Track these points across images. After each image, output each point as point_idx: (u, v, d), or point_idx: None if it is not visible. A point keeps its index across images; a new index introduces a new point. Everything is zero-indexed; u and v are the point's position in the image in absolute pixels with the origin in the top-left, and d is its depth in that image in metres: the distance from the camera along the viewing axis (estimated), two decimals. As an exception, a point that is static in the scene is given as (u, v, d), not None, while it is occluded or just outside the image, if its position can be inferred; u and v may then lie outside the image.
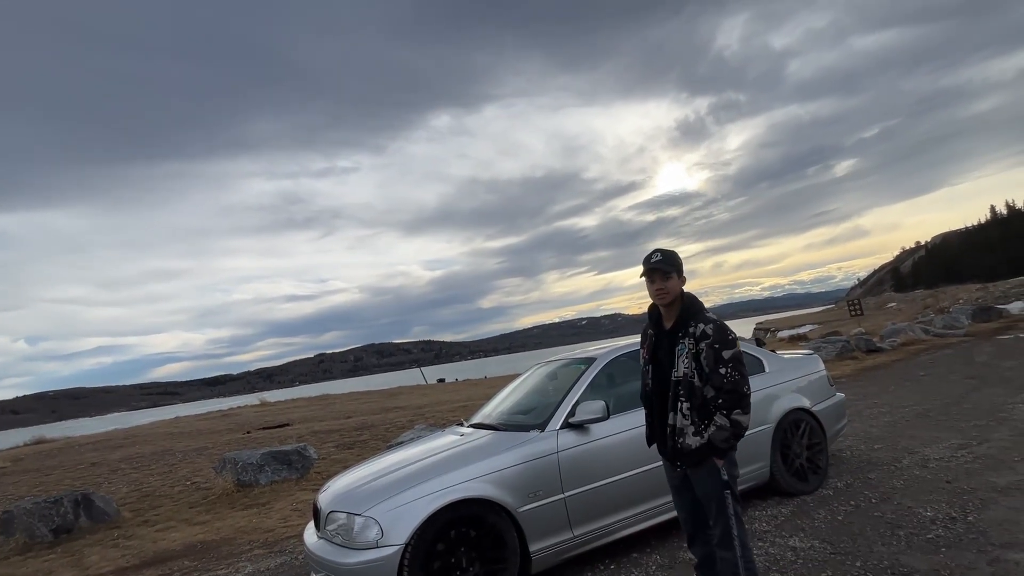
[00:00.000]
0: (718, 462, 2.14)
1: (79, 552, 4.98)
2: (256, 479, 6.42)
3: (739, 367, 2.13)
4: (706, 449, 2.15)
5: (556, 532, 2.98)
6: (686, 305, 2.29)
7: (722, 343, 2.15)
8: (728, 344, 2.15)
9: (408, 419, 10.15)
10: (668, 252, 2.34)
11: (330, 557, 2.73)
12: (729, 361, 2.12)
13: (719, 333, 2.17)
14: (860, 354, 11.98)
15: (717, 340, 2.16)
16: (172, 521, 5.64)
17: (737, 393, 2.10)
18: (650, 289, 2.33)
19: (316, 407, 15.95)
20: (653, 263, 2.30)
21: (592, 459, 3.15)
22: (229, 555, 4.39)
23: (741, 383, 2.11)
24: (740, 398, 2.09)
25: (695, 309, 2.27)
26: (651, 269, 2.30)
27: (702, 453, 2.16)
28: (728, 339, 2.16)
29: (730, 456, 2.18)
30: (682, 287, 2.33)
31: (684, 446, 2.20)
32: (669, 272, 2.28)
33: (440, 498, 2.74)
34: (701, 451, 2.16)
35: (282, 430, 10.70)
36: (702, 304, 2.32)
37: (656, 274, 2.30)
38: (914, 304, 33.34)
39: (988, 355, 9.49)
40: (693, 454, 2.18)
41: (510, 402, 3.99)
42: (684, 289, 2.35)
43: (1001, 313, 16.01)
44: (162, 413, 26.15)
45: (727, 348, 2.14)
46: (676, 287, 2.30)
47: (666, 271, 2.28)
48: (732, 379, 2.11)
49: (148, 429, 14.49)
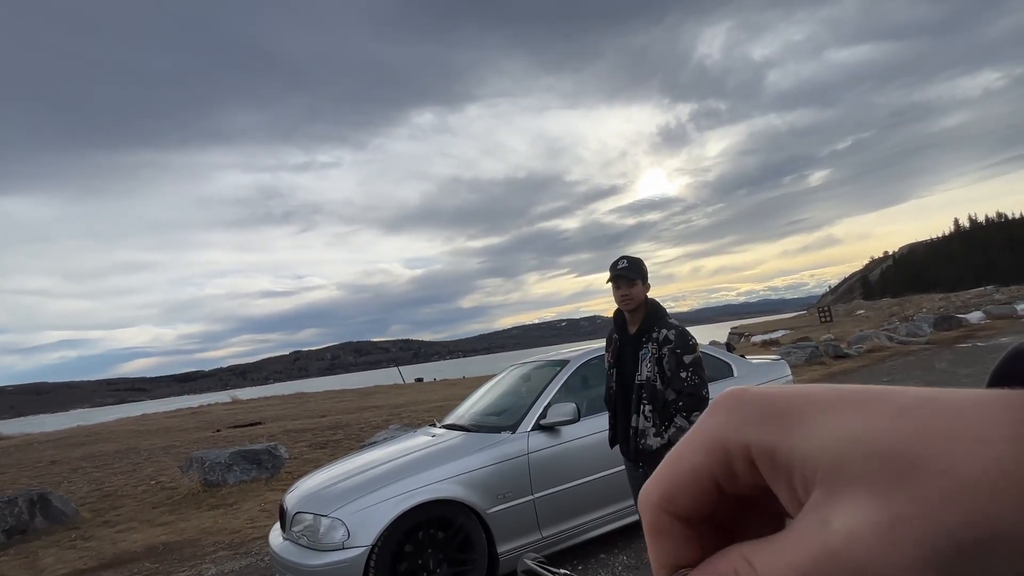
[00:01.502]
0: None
1: (33, 554, 4.80)
2: (224, 479, 6.28)
3: (699, 371, 2.21)
4: (666, 450, 2.20)
5: (525, 533, 3.00)
6: (650, 311, 2.36)
7: (683, 348, 2.23)
8: (689, 349, 2.23)
9: (383, 419, 10.06)
10: (634, 260, 2.41)
11: (295, 559, 2.70)
12: (690, 366, 2.21)
13: (680, 339, 2.24)
14: (828, 360, 12.33)
15: (679, 345, 2.24)
16: (134, 522, 5.48)
17: (696, 396, 2.18)
18: (616, 295, 2.40)
19: (290, 405, 15.68)
20: (619, 270, 2.37)
21: (562, 461, 3.18)
22: (192, 557, 4.29)
23: (700, 387, 2.19)
24: (699, 401, 2.17)
25: (659, 315, 2.34)
26: (617, 276, 2.38)
27: (662, 454, 2.22)
28: (689, 344, 2.24)
29: None
30: (646, 294, 2.40)
31: (646, 447, 2.27)
32: (634, 279, 2.36)
33: (408, 499, 2.73)
34: (661, 452, 2.23)
35: (253, 429, 10.49)
36: (665, 310, 2.40)
37: (622, 280, 2.37)
38: (881, 312, 34.45)
39: (948, 363, 9.87)
40: (654, 455, 2.26)
41: (483, 403, 3.99)
42: (649, 296, 2.42)
43: (961, 322, 16.66)
44: (129, 410, 25.35)
45: (688, 353, 2.22)
46: (640, 293, 2.37)
47: (631, 278, 2.36)
48: (692, 383, 2.19)
49: (113, 426, 14.04)
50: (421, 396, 15.34)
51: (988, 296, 30.34)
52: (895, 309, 32.25)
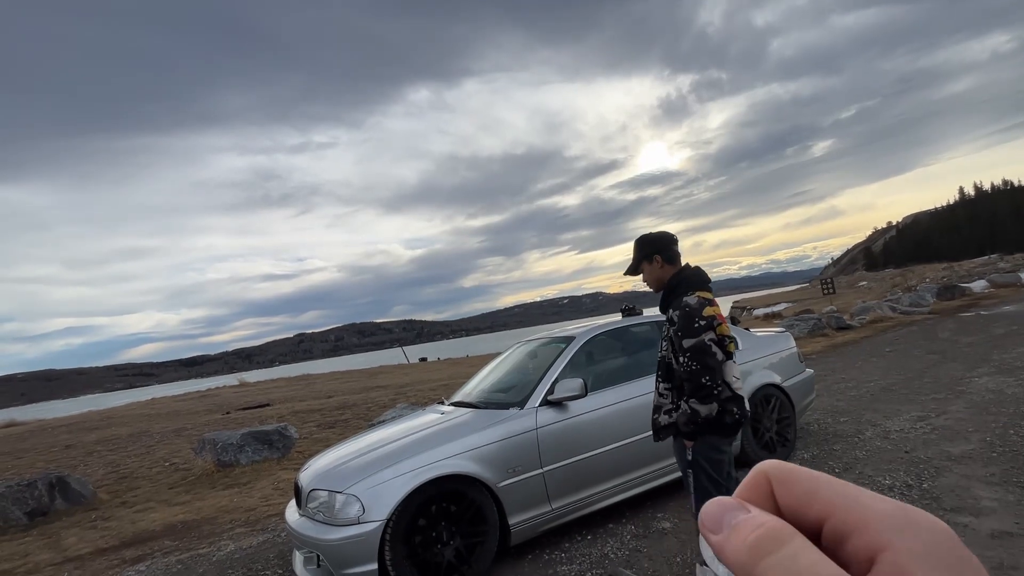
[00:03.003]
0: (686, 443, 2.20)
1: (56, 534, 4.93)
2: (237, 459, 6.40)
3: (698, 357, 2.09)
4: (671, 429, 2.26)
5: (535, 506, 3.07)
6: (668, 289, 2.32)
7: (684, 331, 2.15)
8: (689, 333, 2.12)
9: (390, 398, 10.18)
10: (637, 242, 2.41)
11: (312, 534, 2.77)
12: (688, 351, 2.12)
13: (682, 320, 2.16)
14: (831, 331, 12.37)
15: (680, 328, 2.17)
16: (151, 502, 5.61)
17: (693, 383, 2.10)
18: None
19: (296, 387, 15.87)
20: (625, 273, 2.44)
21: (570, 435, 3.22)
22: (210, 534, 4.40)
23: (698, 374, 2.08)
24: (697, 388, 2.09)
25: (675, 294, 2.28)
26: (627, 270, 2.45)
27: (667, 432, 2.28)
28: (692, 327, 2.12)
29: (709, 440, 2.16)
30: (660, 270, 2.34)
31: (656, 422, 2.32)
32: (637, 265, 2.39)
33: (421, 475, 2.78)
34: (667, 429, 2.27)
35: (262, 410, 10.64)
36: (686, 287, 2.25)
37: (631, 271, 2.42)
38: (884, 283, 34.38)
39: (950, 332, 9.89)
40: (660, 431, 2.30)
41: (490, 381, 4.04)
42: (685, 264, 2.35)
43: (964, 291, 16.64)
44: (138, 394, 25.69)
45: (688, 337, 2.13)
46: (653, 275, 2.35)
47: (635, 266, 2.39)
48: (689, 368, 2.11)
49: (124, 411, 14.25)
50: (426, 375, 15.49)
51: (992, 265, 30.21)
52: (898, 280, 32.17)
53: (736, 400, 2.15)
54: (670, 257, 2.34)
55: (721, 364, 2.12)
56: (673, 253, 2.34)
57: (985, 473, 3.37)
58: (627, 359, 3.87)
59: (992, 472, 3.36)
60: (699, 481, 2.21)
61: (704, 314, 2.14)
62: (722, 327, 2.15)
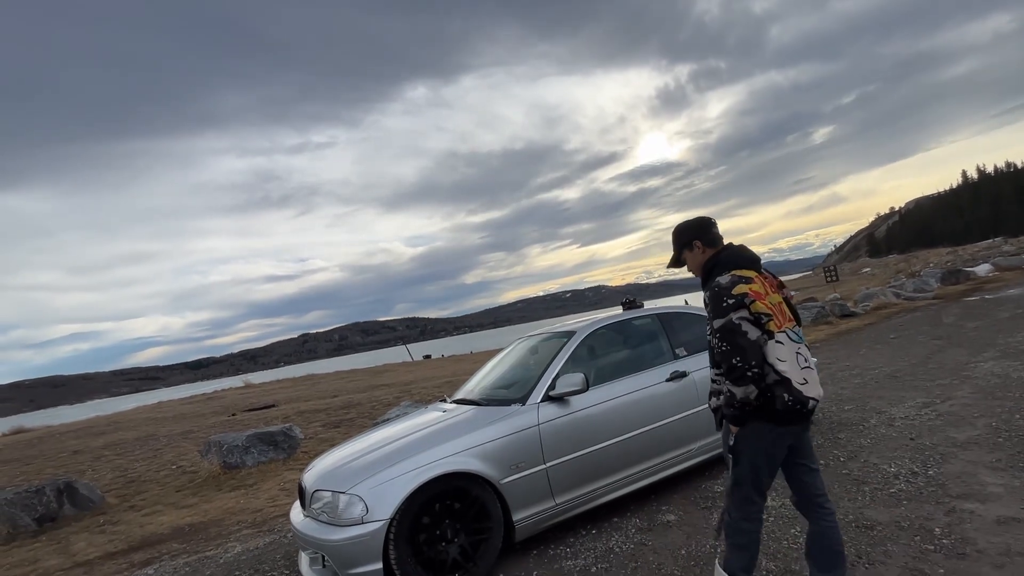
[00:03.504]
0: (732, 428, 2.09)
1: (65, 540, 4.97)
2: (242, 461, 6.43)
3: (727, 337, 1.99)
4: (716, 413, 2.20)
5: (538, 501, 3.07)
6: (704, 274, 2.24)
7: (713, 311, 2.06)
8: (718, 313, 2.03)
9: (394, 396, 10.21)
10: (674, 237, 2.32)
11: (317, 534, 2.77)
12: (717, 331, 2.03)
13: (712, 301, 2.07)
14: (835, 319, 12.33)
15: (710, 309, 2.08)
16: (159, 505, 5.64)
17: (725, 364, 2.01)
18: None
19: (301, 387, 15.93)
20: (668, 266, 2.38)
21: (572, 430, 3.22)
22: (217, 536, 4.43)
23: (728, 355, 1.99)
24: (729, 370, 2.00)
25: (709, 277, 2.20)
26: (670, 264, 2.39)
27: (717, 415, 2.20)
28: (721, 307, 2.03)
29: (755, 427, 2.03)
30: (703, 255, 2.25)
31: (711, 404, 2.24)
32: (680, 261, 2.32)
33: (424, 473, 2.78)
34: (717, 413, 2.19)
35: (268, 411, 10.69)
36: (723, 267, 2.15)
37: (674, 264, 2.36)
38: (887, 269, 34.24)
39: (955, 317, 9.84)
40: (714, 414, 2.23)
41: (492, 377, 4.03)
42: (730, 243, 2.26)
43: (969, 275, 16.55)
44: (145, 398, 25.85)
45: (716, 317, 2.04)
46: (696, 262, 2.27)
47: (676, 256, 2.33)
48: (720, 350, 2.02)
49: (131, 415, 14.34)
50: (430, 373, 15.53)
51: (996, 248, 30.01)
52: (902, 265, 32.03)
53: (783, 384, 1.96)
54: (711, 240, 2.23)
55: (756, 344, 1.97)
56: (713, 236, 2.24)
57: (991, 459, 3.35)
58: (629, 353, 3.85)
59: (998, 458, 3.35)
60: (739, 468, 2.09)
61: (734, 292, 2.01)
62: (756, 304, 1.99)
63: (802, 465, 2.15)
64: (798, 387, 1.97)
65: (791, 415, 1.99)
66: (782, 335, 1.99)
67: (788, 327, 2.03)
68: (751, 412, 2.00)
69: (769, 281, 2.11)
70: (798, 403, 1.96)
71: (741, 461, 2.08)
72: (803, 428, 2.11)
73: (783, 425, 2.01)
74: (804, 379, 1.99)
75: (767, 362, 1.97)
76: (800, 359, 2.01)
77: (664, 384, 3.61)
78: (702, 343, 3.95)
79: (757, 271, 2.13)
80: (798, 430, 2.08)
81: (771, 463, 2.07)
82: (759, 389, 1.96)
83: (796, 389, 1.96)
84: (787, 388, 1.96)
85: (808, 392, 1.98)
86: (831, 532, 2.12)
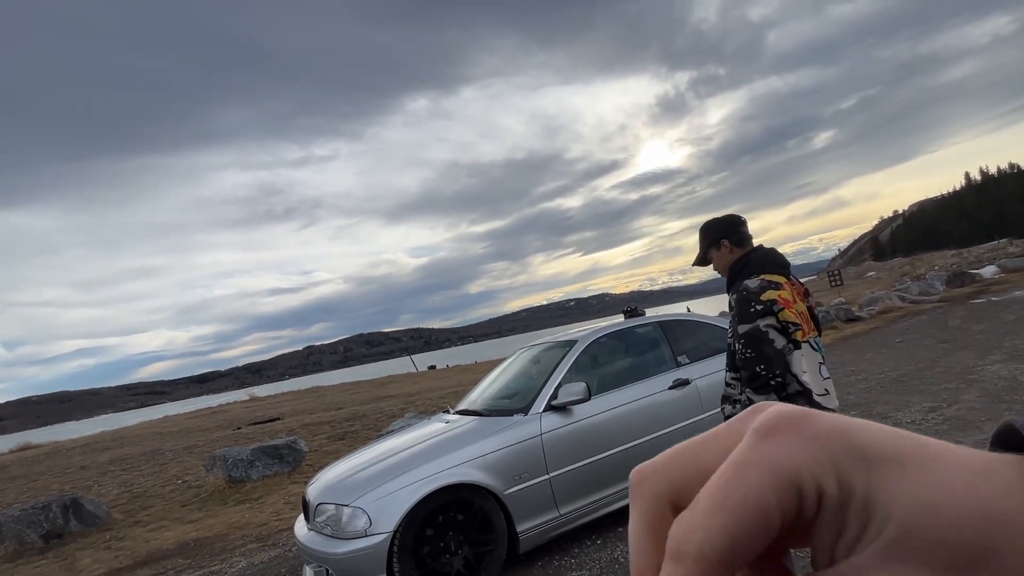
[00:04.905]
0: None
1: (71, 556, 4.97)
2: (247, 475, 6.42)
3: (752, 344, 1.93)
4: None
5: (542, 512, 3.06)
6: (731, 275, 2.17)
7: (740, 316, 1.99)
8: (745, 318, 1.96)
9: (399, 407, 10.20)
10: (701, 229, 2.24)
11: (320, 548, 2.77)
12: (742, 336, 1.96)
13: (739, 305, 2.00)
14: (840, 323, 12.26)
15: (737, 313, 2.01)
16: (164, 520, 5.64)
17: (748, 371, 1.95)
18: None
19: (306, 400, 15.92)
20: (694, 263, 2.31)
21: (576, 440, 3.21)
22: (222, 551, 4.42)
23: (752, 362, 1.93)
24: (752, 377, 1.94)
25: (738, 279, 2.13)
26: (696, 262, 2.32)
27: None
28: (748, 312, 1.96)
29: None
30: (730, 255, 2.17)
31: (723, 410, 2.18)
32: (706, 253, 2.24)
33: (427, 485, 2.78)
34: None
35: (272, 424, 10.68)
36: (752, 269, 2.08)
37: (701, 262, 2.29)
38: (892, 272, 34.07)
39: (961, 319, 9.78)
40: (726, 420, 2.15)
41: (494, 387, 4.03)
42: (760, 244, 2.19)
43: (974, 278, 16.45)
44: (150, 413, 25.89)
45: (743, 323, 1.97)
46: (723, 261, 2.19)
47: (703, 254, 2.25)
48: (743, 356, 1.95)
49: (136, 430, 14.36)
50: (435, 383, 15.51)
51: (1002, 249, 29.86)
52: (906, 269, 31.87)
53: (805, 395, 1.91)
54: (739, 240, 2.15)
55: (781, 352, 1.91)
56: (742, 235, 2.16)
57: (999, 463, 3.31)
58: (631, 361, 3.85)
59: (1006, 462, 3.31)
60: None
61: (763, 298, 1.94)
62: (785, 312, 1.93)
63: None
64: (818, 398, 1.94)
65: None
66: (806, 345, 1.95)
67: (811, 337, 2.00)
68: None
69: (797, 288, 2.06)
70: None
71: None
72: None
73: None
74: (824, 390, 1.96)
75: (791, 372, 1.93)
76: (823, 370, 1.99)
77: (666, 392, 3.60)
78: (704, 351, 3.95)
79: (786, 276, 2.06)
80: None
81: None
82: (779, 399, 1.93)
83: (816, 401, 1.93)
84: (808, 399, 1.93)
85: (827, 404, 1.96)
86: None
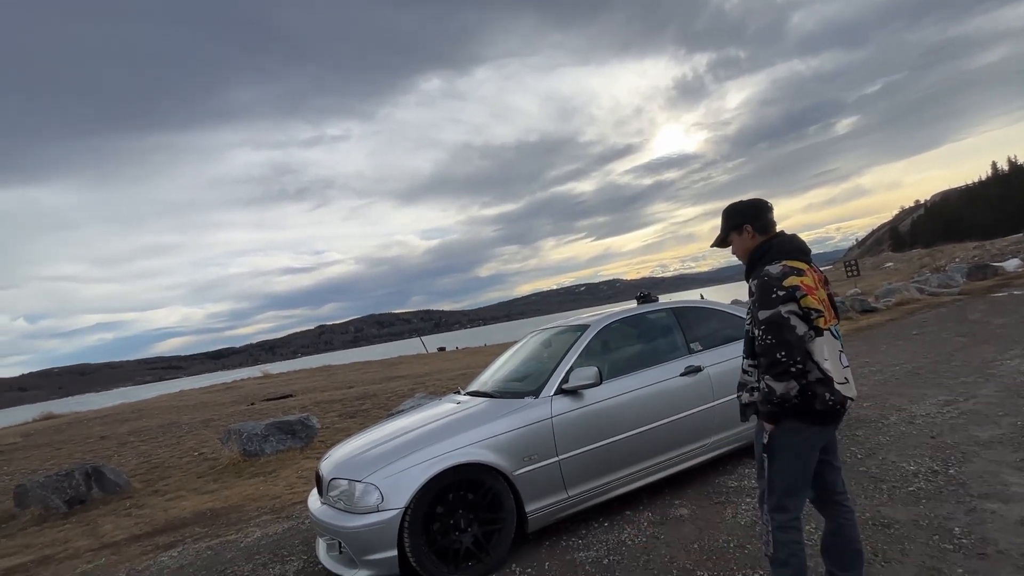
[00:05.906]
0: (765, 425, 2.00)
1: (93, 522, 5.15)
2: (261, 449, 6.57)
3: (772, 330, 1.91)
4: (751, 409, 2.08)
5: (551, 493, 3.09)
6: (750, 261, 2.12)
7: (760, 302, 1.96)
8: (766, 304, 1.94)
9: (409, 388, 10.32)
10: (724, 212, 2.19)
11: (333, 521, 2.84)
12: (763, 323, 1.94)
13: (760, 291, 1.98)
14: (855, 314, 12.09)
15: (757, 299, 1.98)
16: (181, 491, 5.81)
17: (768, 358, 1.92)
18: None
19: (318, 378, 16.19)
20: (712, 245, 2.26)
21: (585, 423, 3.23)
22: (238, 521, 4.55)
23: (772, 349, 1.90)
24: (771, 364, 1.91)
25: (755, 264, 2.09)
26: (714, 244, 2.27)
27: (749, 411, 2.09)
28: (769, 298, 1.94)
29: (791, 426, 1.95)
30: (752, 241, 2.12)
31: (740, 398, 2.14)
32: (726, 237, 2.19)
33: (438, 463, 2.82)
34: (749, 408, 2.09)
35: (285, 401, 10.89)
36: (774, 255, 2.04)
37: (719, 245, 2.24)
38: (911, 263, 33.41)
39: (981, 313, 9.58)
40: (744, 410, 2.12)
41: (506, 370, 4.05)
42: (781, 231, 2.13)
43: (996, 271, 16.06)
44: (167, 387, 26.52)
45: (763, 309, 1.94)
46: (743, 246, 2.15)
47: (722, 237, 2.20)
48: (764, 343, 1.93)
49: (154, 403, 14.74)
50: (444, 365, 15.65)
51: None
52: (926, 260, 31.19)
53: (825, 383, 1.89)
54: (763, 226, 2.11)
55: (802, 339, 1.89)
56: (766, 222, 2.12)
57: (1015, 459, 3.27)
58: (643, 347, 3.84)
59: (1022, 457, 3.27)
60: (772, 470, 2.00)
61: (785, 284, 1.92)
62: (807, 299, 1.91)
63: (826, 462, 2.09)
64: (839, 387, 1.91)
65: (829, 415, 1.94)
66: (827, 333, 1.93)
67: (832, 324, 1.98)
68: (789, 410, 1.93)
69: (818, 275, 2.04)
70: (838, 403, 1.91)
71: (774, 462, 2.00)
72: (836, 428, 2.06)
73: (819, 424, 1.96)
74: (845, 378, 1.94)
75: (812, 359, 1.91)
76: (843, 358, 1.97)
77: (678, 379, 3.59)
78: (717, 338, 3.92)
79: (808, 263, 2.04)
80: (832, 431, 2.03)
81: (805, 466, 2.00)
82: (800, 386, 1.91)
83: (837, 389, 1.91)
84: (828, 387, 1.90)
85: (847, 392, 1.93)
86: (850, 530, 2.08)
